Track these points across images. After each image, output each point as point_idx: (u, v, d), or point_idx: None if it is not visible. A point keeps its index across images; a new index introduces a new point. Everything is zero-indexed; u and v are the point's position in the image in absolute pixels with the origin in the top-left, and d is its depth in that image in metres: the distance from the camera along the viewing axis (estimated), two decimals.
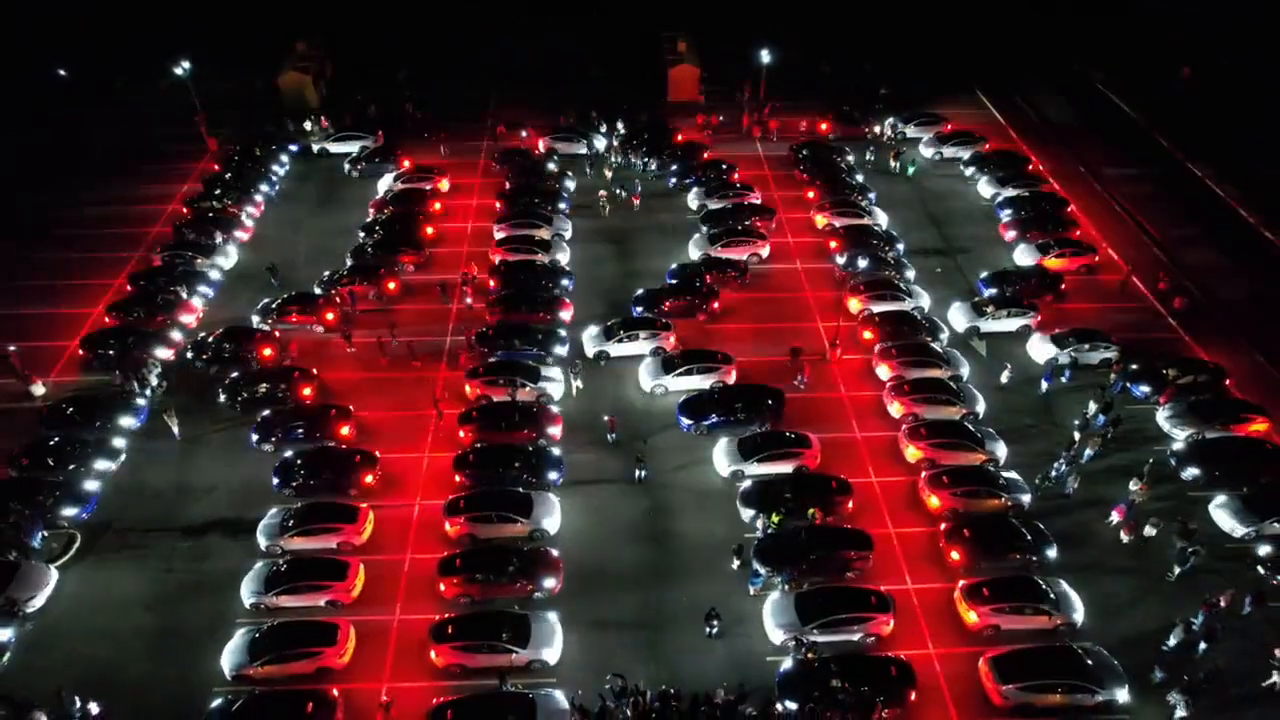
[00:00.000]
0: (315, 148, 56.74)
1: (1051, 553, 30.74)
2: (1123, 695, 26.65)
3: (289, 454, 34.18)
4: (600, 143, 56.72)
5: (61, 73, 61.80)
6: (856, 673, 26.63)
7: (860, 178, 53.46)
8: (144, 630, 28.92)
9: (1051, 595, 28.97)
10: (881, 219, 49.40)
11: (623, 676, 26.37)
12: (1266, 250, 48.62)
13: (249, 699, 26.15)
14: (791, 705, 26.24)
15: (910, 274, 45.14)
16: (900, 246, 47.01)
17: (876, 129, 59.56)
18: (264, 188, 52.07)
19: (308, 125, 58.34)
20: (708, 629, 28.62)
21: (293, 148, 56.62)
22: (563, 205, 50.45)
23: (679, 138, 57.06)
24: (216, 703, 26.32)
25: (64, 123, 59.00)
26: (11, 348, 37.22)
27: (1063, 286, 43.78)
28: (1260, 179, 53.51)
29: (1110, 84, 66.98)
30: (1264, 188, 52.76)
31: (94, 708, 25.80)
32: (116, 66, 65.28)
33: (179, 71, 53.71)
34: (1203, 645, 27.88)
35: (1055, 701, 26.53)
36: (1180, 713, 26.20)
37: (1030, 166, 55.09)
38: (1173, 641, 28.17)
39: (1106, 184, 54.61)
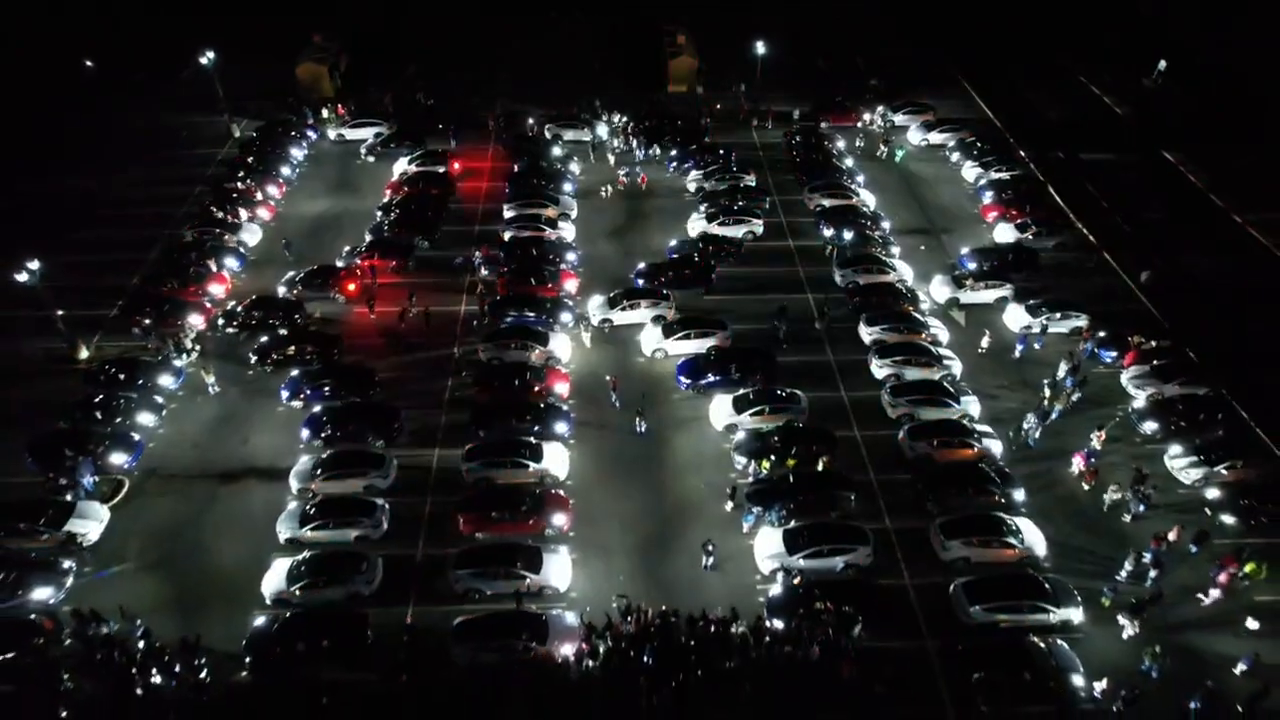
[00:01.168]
0: (332, 134, 59.59)
1: (1019, 495, 33.60)
2: (1077, 616, 29.53)
3: (318, 408, 37.03)
4: (603, 130, 59.53)
5: (88, 63, 64.60)
6: (838, 597, 29.47)
7: (850, 162, 56.31)
8: (191, 562, 31.77)
9: (1017, 530, 31.83)
10: (869, 200, 52.22)
11: (626, 596, 29.20)
12: (1230, 231, 51.50)
13: (290, 618, 29.00)
14: (779, 624, 29.11)
15: (895, 250, 47.96)
16: (886, 225, 49.85)
17: (867, 117, 62.36)
18: (284, 170, 54.95)
19: (325, 112, 61.19)
20: (704, 560, 31.47)
21: (311, 134, 59.47)
22: (568, 187, 53.29)
23: (678, 125, 59.82)
24: (259, 621, 29.25)
25: (97, 112, 61.89)
26: (59, 312, 40.05)
27: (1038, 262, 46.66)
28: (1229, 166, 56.45)
29: (1091, 75, 69.87)
30: (1232, 174, 55.70)
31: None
32: (141, 59, 68.12)
33: (204, 61, 56.58)
34: (1151, 574, 30.72)
35: (1016, 620, 29.38)
36: (1128, 631, 29.12)
37: (1012, 152, 57.95)
38: (1124, 571, 31.03)
39: (1083, 169, 57.46)
